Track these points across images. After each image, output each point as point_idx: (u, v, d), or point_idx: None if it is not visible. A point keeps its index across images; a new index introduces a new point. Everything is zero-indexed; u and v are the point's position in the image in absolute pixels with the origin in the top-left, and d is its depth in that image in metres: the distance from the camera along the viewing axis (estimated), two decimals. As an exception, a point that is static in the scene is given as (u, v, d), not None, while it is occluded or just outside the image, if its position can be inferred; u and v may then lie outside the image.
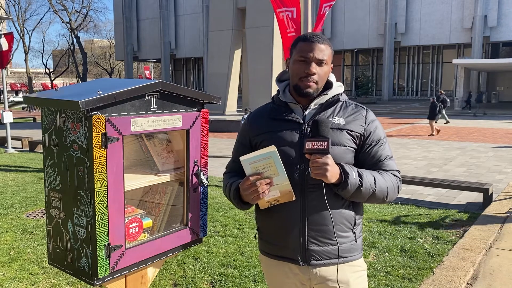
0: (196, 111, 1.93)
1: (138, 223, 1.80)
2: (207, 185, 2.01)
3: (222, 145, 13.88)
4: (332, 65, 1.75)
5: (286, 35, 7.63)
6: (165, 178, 1.92)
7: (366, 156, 1.72)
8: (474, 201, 6.61)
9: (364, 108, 1.78)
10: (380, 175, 1.69)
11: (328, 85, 1.76)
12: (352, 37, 37.71)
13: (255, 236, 1.91)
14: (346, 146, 1.68)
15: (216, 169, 9.57)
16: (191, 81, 50.60)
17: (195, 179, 1.93)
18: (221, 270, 3.93)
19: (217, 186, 7.77)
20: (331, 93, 1.75)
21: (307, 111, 1.73)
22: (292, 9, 7.37)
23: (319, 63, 1.67)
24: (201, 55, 42.51)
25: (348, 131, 1.69)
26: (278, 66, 20.49)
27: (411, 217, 5.71)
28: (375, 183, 1.65)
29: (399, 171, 1.78)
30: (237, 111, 22.99)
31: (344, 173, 1.60)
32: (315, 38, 1.67)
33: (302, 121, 1.71)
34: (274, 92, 15.48)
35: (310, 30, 7.79)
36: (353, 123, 1.71)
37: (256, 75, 20.38)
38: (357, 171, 1.64)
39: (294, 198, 1.63)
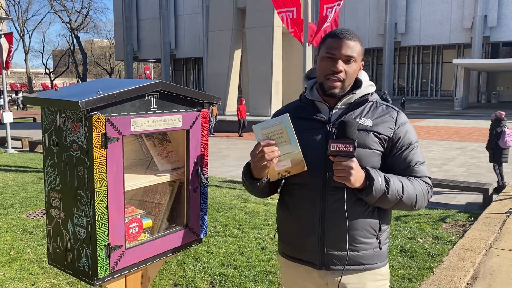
0: (196, 111, 1.93)
1: (138, 223, 1.80)
2: (207, 185, 2.01)
3: (222, 145, 13.87)
4: (362, 62, 1.68)
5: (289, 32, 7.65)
6: (165, 178, 1.92)
7: (396, 160, 1.64)
8: (474, 201, 6.61)
9: (395, 109, 1.68)
10: (410, 181, 1.61)
11: (358, 84, 1.68)
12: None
13: (274, 236, 1.88)
14: (372, 149, 1.60)
15: (216, 169, 9.56)
16: (191, 81, 50.59)
17: (195, 179, 1.93)
18: (221, 270, 3.93)
19: (217, 186, 7.77)
20: (359, 93, 1.67)
21: (334, 111, 1.66)
22: (292, 9, 7.37)
23: (347, 60, 1.59)
24: (201, 55, 42.49)
25: (375, 133, 1.61)
26: (278, 66, 20.49)
27: (411, 217, 5.71)
28: (402, 190, 1.57)
29: (430, 178, 1.69)
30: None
31: (369, 178, 1.52)
32: (344, 35, 1.60)
33: (327, 121, 1.65)
34: (274, 92, 15.54)
35: (310, 30, 7.79)
36: (382, 125, 1.63)
37: (256, 75, 20.39)
38: (384, 176, 1.56)
39: (305, 169, 1.56)
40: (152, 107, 1.76)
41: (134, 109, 1.69)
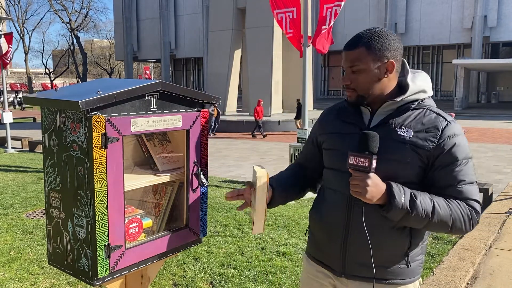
0: (196, 111, 1.93)
1: (138, 223, 1.80)
2: (207, 185, 2.01)
3: (222, 145, 13.87)
4: (388, 62, 1.51)
5: (285, 35, 7.63)
6: (165, 178, 1.92)
7: (436, 177, 1.49)
8: (474, 201, 6.60)
9: (445, 119, 1.52)
10: (446, 202, 1.46)
11: (404, 89, 1.56)
12: (352, 37, 37.69)
13: (305, 234, 1.82)
14: (408, 162, 1.48)
15: (216, 169, 9.57)
16: (191, 81, 50.59)
17: (195, 179, 1.93)
18: (221, 270, 3.93)
19: (217, 186, 7.77)
20: (402, 99, 1.54)
21: (375, 117, 1.57)
22: (292, 9, 7.37)
23: (351, 71, 1.54)
24: (201, 55, 42.49)
25: (413, 145, 1.48)
26: (278, 66, 20.51)
27: (411, 217, 5.70)
28: (433, 212, 1.43)
29: (477, 201, 1.50)
30: (237, 111, 23.01)
31: (390, 195, 1.42)
32: (346, 45, 1.56)
33: (366, 127, 1.57)
34: (274, 92, 15.51)
35: (310, 30, 7.79)
36: (422, 137, 1.49)
37: (256, 75, 20.40)
38: (412, 194, 1.43)
39: (260, 231, 1.57)
40: (152, 107, 1.76)
41: (134, 109, 1.69)
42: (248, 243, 4.64)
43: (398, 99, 1.53)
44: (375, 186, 1.40)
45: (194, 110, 1.93)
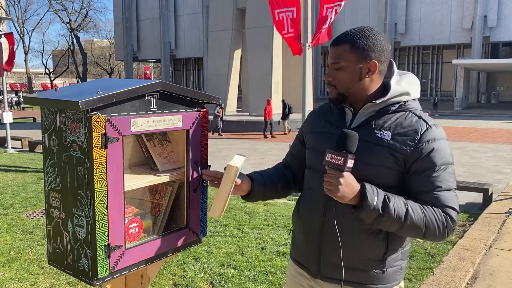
0: (196, 111, 1.93)
1: (138, 223, 1.80)
2: (207, 185, 2.01)
3: (222, 145, 13.87)
4: (371, 63, 1.49)
5: (283, 36, 7.61)
6: (165, 178, 1.92)
7: (412, 182, 1.46)
8: (474, 201, 6.61)
9: (427, 123, 1.48)
10: (421, 208, 1.43)
11: (386, 91, 1.53)
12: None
13: (289, 234, 1.87)
14: (384, 166, 1.46)
15: (216, 169, 9.55)
16: (191, 81, 50.60)
17: (195, 179, 1.92)
18: (221, 270, 3.93)
19: (217, 186, 7.77)
20: (382, 101, 1.51)
21: (357, 117, 1.55)
22: (292, 9, 7.36)
23: (334, 67, 1.52)
24: (201, 55, 42.51)
25: (391, 148, 1.45)
26: (278, 66, 20.51)
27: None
28: (406, 216, 1.40)
29: (454, 209, 1.46)
30: (237, 111, 23.01)
31: (362, 195, 1.40)
32: (333, 41, 1.54)
33: (345, 127, 1.55)
34: (274, 92, 15.48)
35: (310, 30, 7.79)
36: (400, 140, 1.46)
37: (256, 75, 20.40)
38: (385, 196, 1.41)
39: (215, 215, 1.60)
40: (152, 107, 1.76)
41: (134, 109, 1.69)
42: (248, 243, 4.64)
43: (378, 101, 1.50)
44: (348, 185, 1.38)
45: (194, 110, 1.92)
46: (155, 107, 1.77)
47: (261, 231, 5.06)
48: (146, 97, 1.73)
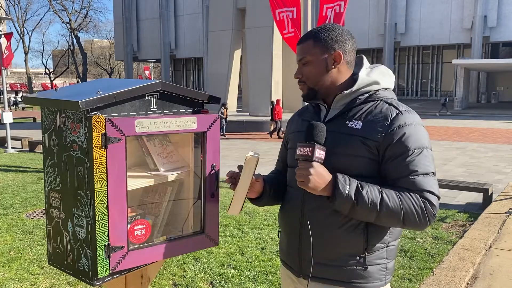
0: (196, 111, 1.93)
1: (144, 225, 1.76)
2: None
3: (222, 145, 13.87)
4: (334, 53, 1.50)
5: (283, 36, 7.62)
6: (165, 178, 1.92)
7: (388, 169, 1.44)
8: (474, 201, 6.61)
9: (397, 109, 1.47)
10: (397, 194, 1.39)
11: (354, 82, 1.53)
12: None
13: (278, 235, 1.79)
14: (357, 155, 1.44)
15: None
16: (191, 81, 50.60)
17: (212, 184, 1.84)
18: (221, 270, 3.93)
19: (217, 186, 7.77)
20: (350, 91, 1.51)
21: (330, 112, 1.56)
22: (292, 9, 7.37)
23: (302, 63, 1.56)
24: (201, 55, 42.50)
25: (362, 137, 1.44)
26: (278, 66, 20.50)
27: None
28: (381, 203, 1.37)
29: (433, 193, 1.41)
30: (237, 111, 23.01)
31: (334, 186, 1.38)
32: (298, 40, 1.59)
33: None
34: (274, 92, 15.53)
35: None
36: (371, 128, 1.44)
37: (255, 75, 20.39)
38: (357, 184, 1.39)
39: (235, 213, 1.59)
40: (152, 107, 1.76)
41: (134, 109, 1.69)
42: (248, 243, 4.64)
43: (346, 92, 1.50)
44: (318, 175, 1.37)
45: (194, 110, 1.92)
46: (155, 107, 1.77)
47: (261, 231, 5.06)
48: (146, 97, 1.73)
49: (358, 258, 1.48)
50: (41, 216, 5.68)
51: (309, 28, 7.77)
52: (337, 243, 1.49)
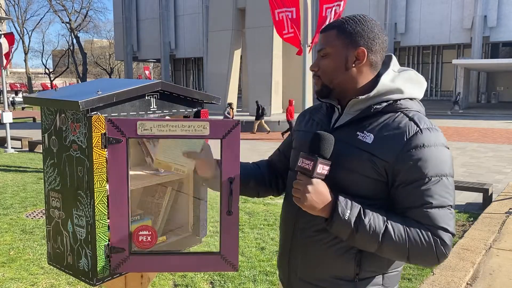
0: (196, 111, 1.93)
1: (150, 232, 1.67)
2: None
3: (222, 145, 13.86)
4: (359, 50, 1.31)
5: (282, 36, 7.60)
6: (165, 178, 1.92)
7: (398, 195, 1.25)
8: (474, 201, 6.61)
9: (417, 126, 1.25)
10: (404, 228, 1.22)
11: (373, 87, 1.33)
12: None
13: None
14: (362, 174, 1.27)
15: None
16: (191, 81, 50.60)
17: (228, 200, 1.55)
18: (221, 270, 3.93)
19: (217, 186, 7.77)
20: (367, 97, 1.32)
21: (342, 116, 1.38)
22: (291, 9, 7.36)
23: (320, 55, 1.37)
24: (201, 55, 42.50)
25: (370, 154, 1.25)
26: (278, 66, 20.51)
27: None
28: (384, 235, 1.21)
29: (447, 230, 1.22)
30: (237, 111, 23.01)
31: (333, 208, 1.22)
32: (322, 28, 1.39)
33: (328, 127, 1.39)
34: (274, 92, 15.51)
35: (310, 30, 7.79)
36: (383, 145, 1.25)
37: (255, 75, 20.41)
38: (360, 210, 1.22)
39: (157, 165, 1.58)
40: (152, 107, 1.76)
41: (134, 109, 1.69)
42: (248, 243, 4.64)
43: (362, 97, 1.31)
44: (317, 193, 1.21)
45: (194, 110, 1.92)
46: (155, 107, 1.77)
47: (261, 231, 5.06)
48: (146, 97, 1.73)
49: (348, 282, 1.33)
50: (41, 216, 5.67)
51: (309, 29, 7.76)
52: (326, 263, 1.35)
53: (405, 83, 1.35)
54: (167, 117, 1.84)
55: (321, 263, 1.36)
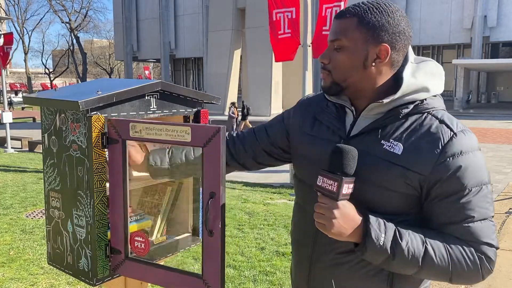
0: (197, 111, 1.93)
1: (143, 239, 1.64)
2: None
3: (222, 145, 13.88)
4: (382, 46, 1.12)
5: (277, 37, 7.60)
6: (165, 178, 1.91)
7: (434, 210, 1.11)
8: (474, 201, 6.61)
9: (451, 130, 1.10)
10: (445, 247, 1.08)
11: (397, 86, 1.14)
12: None
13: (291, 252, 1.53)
14: (392, 190, 1.11)
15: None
16: (190, 81, 50.60)
17: (208, 219, 1.34)
18: (221, 270, 3.93)
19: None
20: (391, 101, 1.13)
21: (358, 120, 1.19)
22: (291, 9, 7.36)
23: (334, 46, 1.16)
24: (201, 55, 42.49)
25: (402, 168, 1.10)
26: (277, 66, 20.51)
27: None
28: (424, 258, 1.07)
29: (491, 245, 1.10)
30: (237, 111, 23.02)
31: (365, 233, 1.07)
32: (338, 12, 1.17)
33: (344, 134, 1.20)
34: (273, 92, 15.57)
35: (309, 30, 7.79)
36: (416, 156, 1.09)
37: (255, 75, 20.42)
38: (395, 233, 1.08)
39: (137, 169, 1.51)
40: (152, 107, 1.76)
41: (134, 109, 1.69)
42: (248, 243, 4.64)
43: (387, 100, 1.13)
44: (344, 218, 1.06)
45: (194, 110, 1.92)
46: (155, 107, 1.77)
47: (261, 231, 5.06)
48: (146, 97, 1.73)
49: None
50: (41, 216, 5.67)
51: (309, 29, 7.76)
52: (355, 287, 1.21)
53: (429, 79, 1.17)
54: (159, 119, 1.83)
55: (350, 287, 1.22)
